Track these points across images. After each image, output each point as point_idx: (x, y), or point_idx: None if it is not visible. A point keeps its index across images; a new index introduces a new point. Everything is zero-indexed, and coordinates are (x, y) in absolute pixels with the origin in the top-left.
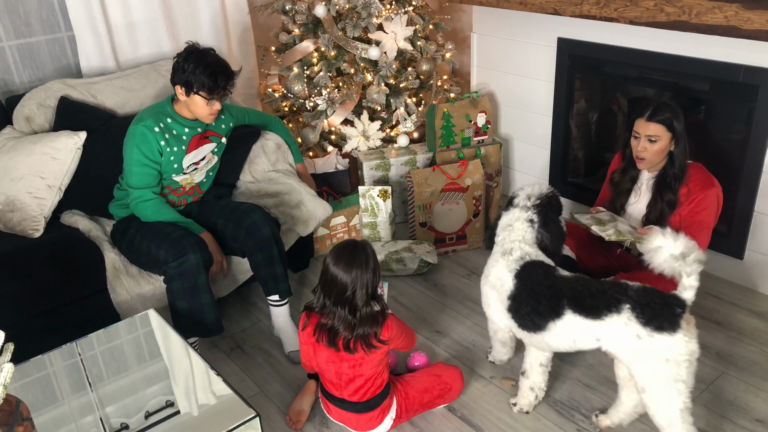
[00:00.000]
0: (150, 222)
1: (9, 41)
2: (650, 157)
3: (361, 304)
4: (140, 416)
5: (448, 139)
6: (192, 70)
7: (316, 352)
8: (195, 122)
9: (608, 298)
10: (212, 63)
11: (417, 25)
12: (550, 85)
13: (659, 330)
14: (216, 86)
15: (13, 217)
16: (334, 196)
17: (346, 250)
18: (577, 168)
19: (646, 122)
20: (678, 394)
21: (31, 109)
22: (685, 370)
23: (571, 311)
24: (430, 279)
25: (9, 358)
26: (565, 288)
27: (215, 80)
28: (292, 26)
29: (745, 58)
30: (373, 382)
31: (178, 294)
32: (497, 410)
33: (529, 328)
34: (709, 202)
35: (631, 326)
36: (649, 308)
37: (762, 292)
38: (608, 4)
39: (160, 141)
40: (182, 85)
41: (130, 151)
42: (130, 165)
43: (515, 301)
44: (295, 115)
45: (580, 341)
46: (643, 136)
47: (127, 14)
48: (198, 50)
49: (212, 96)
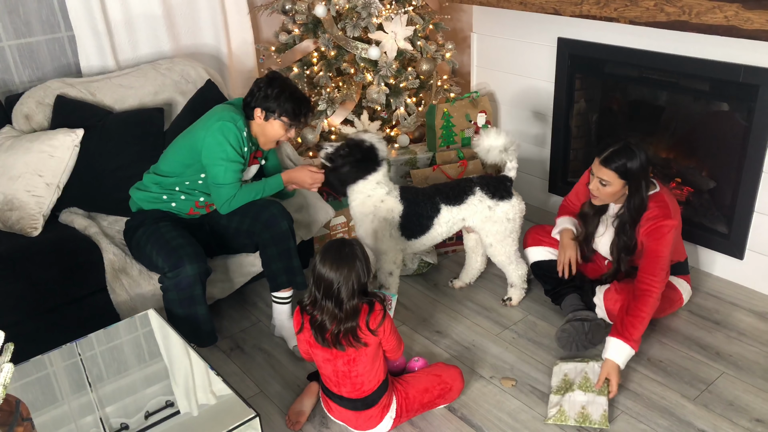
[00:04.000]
0: (159, 224)
1: (9, 41)
2: (602, 198)
3: (347, 299)
4: (140, 416)
5: (448, 139)
6: (276, 95)
7: (313, 351)
8: (255, 141)
9: (463, 188)
10: (297, 91)
11: (417, 25)
12: (550, 85)
13: (501, 199)
14: (300, 114)
15: (12, 215)
16: (334, 196)
17: (332, 248)
18: (577, 168)
19: (599, 165)
20: (513, 241)
21: (30, 107)
22: (517, 224)
23: (444, 204)
24: (430, 279)
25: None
26: (433, 191)
27: (300, 108)
28: (292, 26)
29: (745, 58)
30: (370, 379)
31: (173, 303)
32: (497, 410)
33: (417, 233)
34: (663, 232)
35: (484, 201)
36: (491, 186)
37: (762, 292)
38: (608, 4)
39: (243, 147)
40: (263, 109)
41: (222, 146)
42: (219, 161)
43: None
44: None
45: (454, 225)
46: (595, 177)
47: (127, 14)
48: (282, 77)
49: (293, 123)
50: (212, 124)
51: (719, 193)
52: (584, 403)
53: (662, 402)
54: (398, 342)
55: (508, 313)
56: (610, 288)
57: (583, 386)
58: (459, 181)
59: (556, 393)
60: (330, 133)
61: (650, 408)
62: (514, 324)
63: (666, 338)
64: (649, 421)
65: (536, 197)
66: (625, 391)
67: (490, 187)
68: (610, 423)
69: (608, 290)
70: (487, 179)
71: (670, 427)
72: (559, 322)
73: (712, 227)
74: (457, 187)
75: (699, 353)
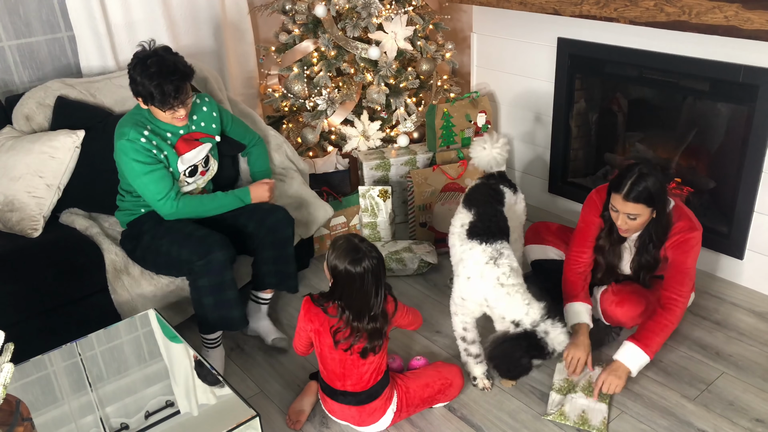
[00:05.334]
0: (167, 223)
1: (9, 41)
2: (633, 230)
3: (376, 301)
4: (140, 416)
5: (448, 139)
6: (140, 82)
7: (320, 339)
8: (174, 126)
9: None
10: (156, 73)
11: (417, 25)
12: (550, 85)
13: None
14: (165, 97)
15: (12, 216)
16: (334, 196)
17: (349, 245)
18: (577, 168)
19: (624, 202)
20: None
21: (31, 108)
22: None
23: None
24: (430, 279)
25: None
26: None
27: (162, 91)
28: (292, 26)
29: (745, 58)
30: (377, 367)
31: (204, 291)
32: (497, 410)
33: None
34: (691, 245)
35: (511, 196)
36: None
37: (762, 292)
38: (608, 4)
39: (151, 150)
40: (137, 96)
41: (129, 165)
42: (136, 179)
43: None
44: (295, 115)
45: None
46: (621, 213)
47: (127, 14)
48: (141, 57)
49: (165, 107)
50: (114, 149)
51: (719, 193)
52: (585, 407)
53: (662, 402)
54: (414, 315)
55: None
56: (607, 289)
57: (585, 389)
58: (483, 189)
59: (558, 392)
60: (330, 133)
61: (650, 408)
62: None
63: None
64: (649, 421)
65: (536, 197)
66: (626, 391)
67: (507, 182)
68: (609, 423)
69: (605, 291)
70: (499, 177)
71: (670, 427)
72: None
73: (712, 227)
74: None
75: (699, 353)
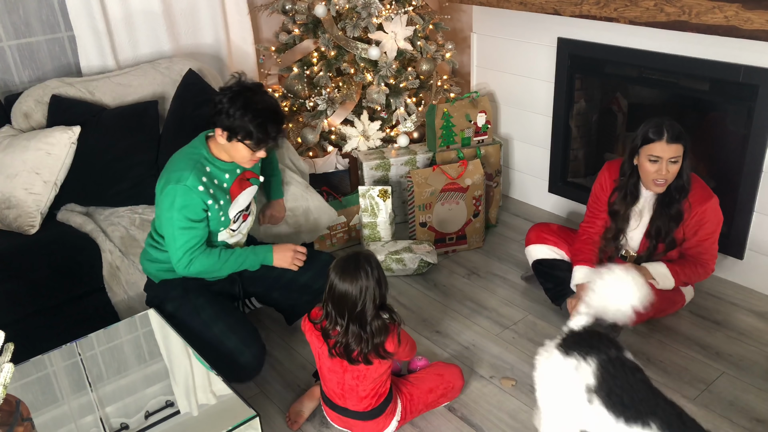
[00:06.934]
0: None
1: (9, 41)
2: (671, 178)
3: (371, 318)
4: (140, 416)
5: (448, 139)
6: (240, 116)
7: (320, 358)
8: (233, 165)
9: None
10: (263, 110)
11: (417, 25)
12: (550, 85)
13: None
14: (266, 138)
15: (9, 214)
16: (334, 196)
17: (350, 263)
18: (577, 168)
19: (668, 144)
20: None
21: (29, 105)
22: None
23: None
24: (430, 279)
25: (9, 358)
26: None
27: (265, 131)
28: (292, 26)
29: (745, 58)
30: (377, 391)
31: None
32: (497, 410)
33: None
34: (709, 214)
35: None
36: None
37: (762, 292)
38: (608, 4)
39: (206, 200)
40: (224, 129)
41: (170, 213)
42: (172, 228)
43: None
44: (295, 115)
45: None
46: (665, 159)
47: (127, 14)
48: (247, 91)
49: (259, 148)
50: (163, 187)
51: (719, 193)
52: None
53: None
54: (411, 347)
55: (508, 312)
56: None
57: None
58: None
59: None
60: (330, 133)
61: None
62: (514, 324)
63: (666, 338)
64: None
65: (536, 197)
66: None
67: None
68: None
69: None
70: None
71: None
72: (560, 322)
73: None
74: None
75: (699, 353)
